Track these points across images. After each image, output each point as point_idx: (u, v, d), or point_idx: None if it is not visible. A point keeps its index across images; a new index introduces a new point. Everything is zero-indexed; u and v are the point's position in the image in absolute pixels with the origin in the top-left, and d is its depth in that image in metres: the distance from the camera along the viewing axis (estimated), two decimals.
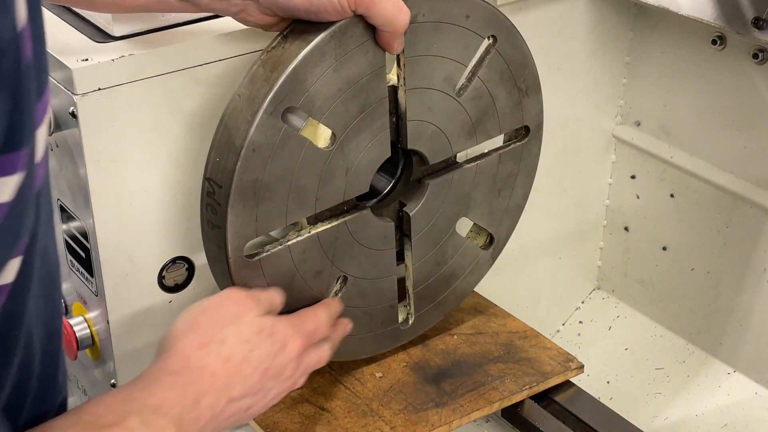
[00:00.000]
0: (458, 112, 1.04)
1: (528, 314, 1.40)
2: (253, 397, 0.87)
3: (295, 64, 0.90)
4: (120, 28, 1.00)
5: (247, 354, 0.87)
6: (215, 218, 0.93)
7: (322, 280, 1.00)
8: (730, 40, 1.34)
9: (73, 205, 1.04)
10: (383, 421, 1.06)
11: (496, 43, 1.04)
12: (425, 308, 1.12)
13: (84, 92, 0.95)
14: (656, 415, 1.47)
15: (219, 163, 0.92)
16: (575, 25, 1.40)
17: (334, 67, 0.92)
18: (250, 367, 0.87)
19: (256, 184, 0.91)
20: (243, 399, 0.86)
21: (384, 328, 1.09)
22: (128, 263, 1.05)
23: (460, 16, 0.99)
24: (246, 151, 0.89)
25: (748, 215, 1.40)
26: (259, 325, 0.89)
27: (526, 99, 1.09)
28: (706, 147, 1.43)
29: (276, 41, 0.93)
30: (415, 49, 0.97)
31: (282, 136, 0.91)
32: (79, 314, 1.11)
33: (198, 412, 0.81)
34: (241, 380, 0.86)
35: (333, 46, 0.91)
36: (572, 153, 1.50)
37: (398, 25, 0.92)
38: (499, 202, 1.13)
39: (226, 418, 0.85)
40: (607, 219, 1.60)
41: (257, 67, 0.92)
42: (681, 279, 1.52)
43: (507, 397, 1.10)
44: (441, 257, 1.11)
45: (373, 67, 0.95)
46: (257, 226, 0.93)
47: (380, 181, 1.08)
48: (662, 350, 1.54)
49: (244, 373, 0.86)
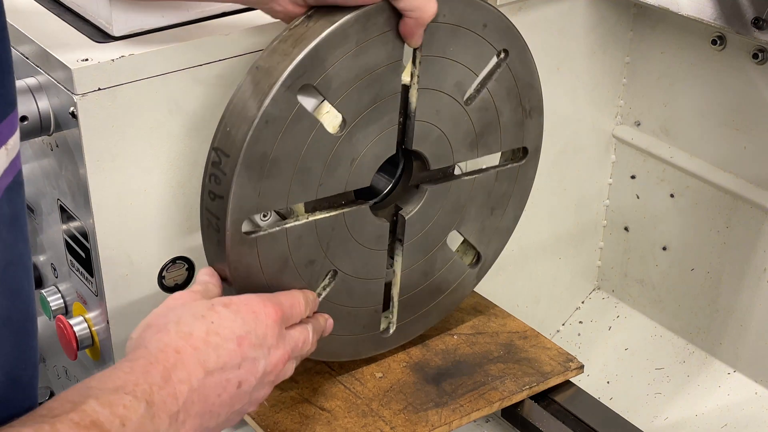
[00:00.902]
0: (464, 121, 1.05)
1: (528, 314, 1.41)
2: (238, 369, 0.83)
3: (317, 41, 0.90)
4: (120, 28, 1.00)
5: (208, 326, 0.83)
6: (218, 189, 0.92)
7: (313, 271, 1.00)
8: (730, 40, 1.34)
9: (73, 205, 1.04)
10: (383, 421, 1.06)
11: (508, 58, 1.05)
12: (407, 319, 1.13)
13: (84, 92, 0.95)
14: (656, 415, 1.47)
15: (229, 133, 0.92)
16: (575, 25, 1.40)
17: (354, 52, 0.93)
18: (218, 337, 0.82)
19: (264, 158, 0.91)
20: (225, 371, 0.82)
21: (366, 332, 1.09)
22: (128, 263, 1.05)
23: (477, 24, 1.00)
24: (259, 122, 0.90)
25: (748, 215, 1.40)
26: (210, 302, 0.86)
27: (528, 120, 1.10)
28: (706, 147, 1.43)
29: (299, 20, 0.93)
30: (431, 48, 0.98)
31: (295, 113, 0.92)
32: (79, 314, 1.11)
33: (171, 388, 0.77)
34: (213, 350, 0.81)
35: (356, 30, 0.92)
36: (572, 153, 1.50)
37: (425, 13, 0.93)
38: (490, 220, 1.13)
39: (216, 395, 0.81)
40: (607, 219, 1.60)
41: (278, 42, 0.92)
42: (681, 279, 1.52)
43: (507, 397, 1.10)
44: (429, 268, 1.11)
45: (391, 60, 0.96)
46: (259, 201, 0.93)
47: (379, 181, 1.08)
48: (662, 350, 1.54)
49: (212, 343, 0.82)
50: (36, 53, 1.00)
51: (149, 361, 0.78)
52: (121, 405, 0.72)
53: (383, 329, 1.11)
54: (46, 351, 1.27)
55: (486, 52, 1.03)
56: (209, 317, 0.84)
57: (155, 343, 0.80)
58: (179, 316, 0.84)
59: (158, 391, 0.75)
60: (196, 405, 0.78)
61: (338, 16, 0.91)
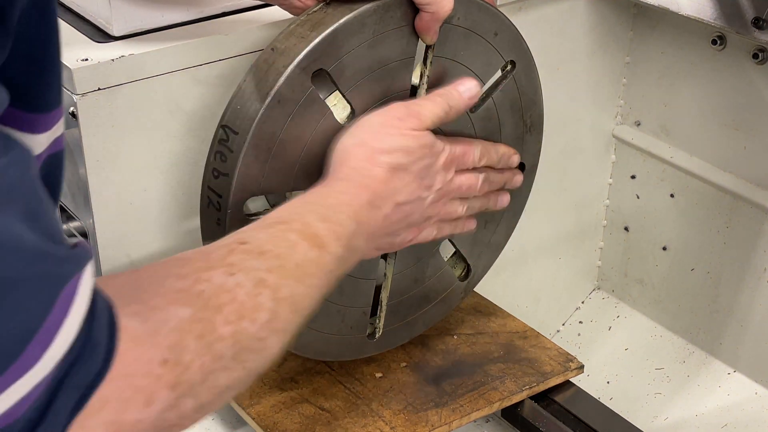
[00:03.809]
0: (467, 128, 1.05)
1: (528, 314, 1.40)
2: (412, 204, 0.92)
3: (335, 26, 0.91)
4: (120, 28, 1.00)
5: (409, 164, 0.91)
6: (223, 166, 0.93)
7: None
8: (730, 40, 1.34)
9: (73, 205, 1.04)
10: (383, 421, 1.06)
11: (515, 70, 1.06)
12: (393, 325, 1.12)
13: (84, 92, 0.95)
14: (656, 415, 1.47)
15: (239, 111, 0.92)
16: (575, 25, 1.40)
17: (370, 43, 0.94)
18: (409, 176, 0.91)
19: (272, 138, 0.92)
20: (406, 205, 0.91)
21: (351, 333, 1.09)
22: (128, 263, 1.05)
23: (489, 32, 1.02)
24: (271, 101, 0.91)
25: (748, 215, 1.40)
26: (420, 139, 0.92)
27: (528, 135, 1.11)
28: (706, 147, 1.43)
29: (318, 7, 0.94)
30: (443, 50, 0.99)
31: (307, 97, 0.92)
32: None
33: (371, 213, 0.86)
34: (404, 186, 0.90)
35: (374, 20, 0.93)
36: (572, 153, 1.50)
37: (442, 8, 0.94)
38: (483, 234, 1.14)
39: (394, 222, 0.91)
40: (607, 219, 1.60)
41: (295, 26, 0.93)
42: (681, 279, 1.52)
43: (507, 397, 1.10)
44: (420, 275, 1.11)
45: (404, 55, 0.97)
46: (263, 183, 0.93)
47: None
48: (662, 350, 1.54)
49: (405, 180, 0.91)
50: None
51: (359, 184, 0.87)
52: (337, 222, 0.80)
53: (369, 333, 1.11)
54: None
55: (494, 61, 1.04)
56: (413, 156, 0.91)
57: (364, 170, 0.88)
58: (390, 148, 0.90)
59: (364, 214, 0.85)
60: (381, 229, 0.89)
61: (357, 5, 0.93)
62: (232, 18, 1.05)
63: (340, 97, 0.95)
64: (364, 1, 0.93)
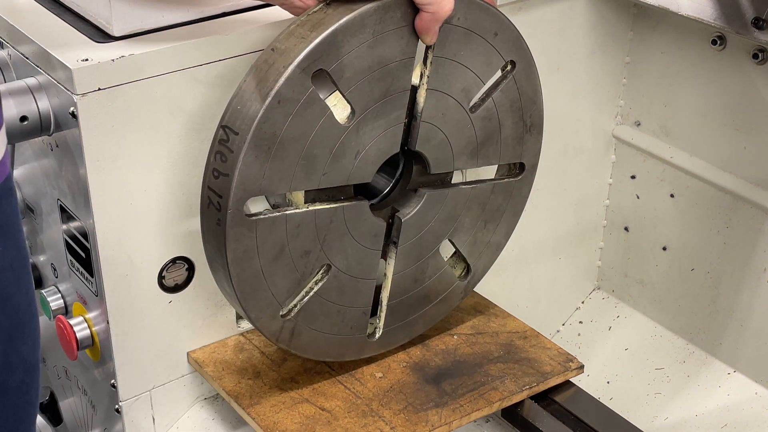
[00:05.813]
0: (467, 128, 1.06)
1: (528, 314, 1.40)
2: None
3: (335, 26, 0.92)
4: (120, 28, 1.00)
5: None
6: (223, 167, 0.93)
7: (308, 262, 1.01)
8: (730, 40, 1.34)
9: (73, 205, 1.04)
10: (383, 421, 1.06)
11: (515, 70, 1.06)
12: (393, 325, 1.13)
13: (84, 92, 0.95)
14: (656, 415, 1.47)
15: (240, 111, 0.92)
16: (575, 25, 1.40)
17: (370, 43, 0.94)
18: None
19: (272, 138, 0.92)
20: None
21: (352, 333, 1.09)
22: (128, 263, 1.05)
23: (489, 32, 1.02)
24: (272, 101, 0.91)
25: (748, 215, 1.40)
26: None
27: (528, 135, 1.11)
28: (706, 147, 1.43)
29: (318, 7, 0.95)
30: (443, 50, 0.99)
31: (307, 97, 0.93)
32: (79, 314, 1.11)
33: None
34: None
35: (374, 20, 0.93)
36: (572, 153, 1.50)
37: (442, 8, 0.94)
38: (483, 234, 1.14)
39: None
40: (607, 219, 1.60)
41: (295, 26, 0.94)
42: (681, 279, 1.52)
43: (507, 397, 1.10)
44: (420, 275, 1.11)
45: (404, 55, 0.97)
46: (263, 183, 0.94)
47: (379, 181, 1.09)
48: (662, 350, 1.54)
49: None
50: (36, 53, 1.00)
51: None
52: None
53: (369, 333, 1.11)
54: (46, 351, 1.27)
55: (494, 61, 1.04)
56: None
57: None
58: None
59: None
60: None
61: (357, 5, 0.93)
62: (232, 18, 1.05)
63: (340, 97, 0.95)
64: (364, 2, 0.93)
